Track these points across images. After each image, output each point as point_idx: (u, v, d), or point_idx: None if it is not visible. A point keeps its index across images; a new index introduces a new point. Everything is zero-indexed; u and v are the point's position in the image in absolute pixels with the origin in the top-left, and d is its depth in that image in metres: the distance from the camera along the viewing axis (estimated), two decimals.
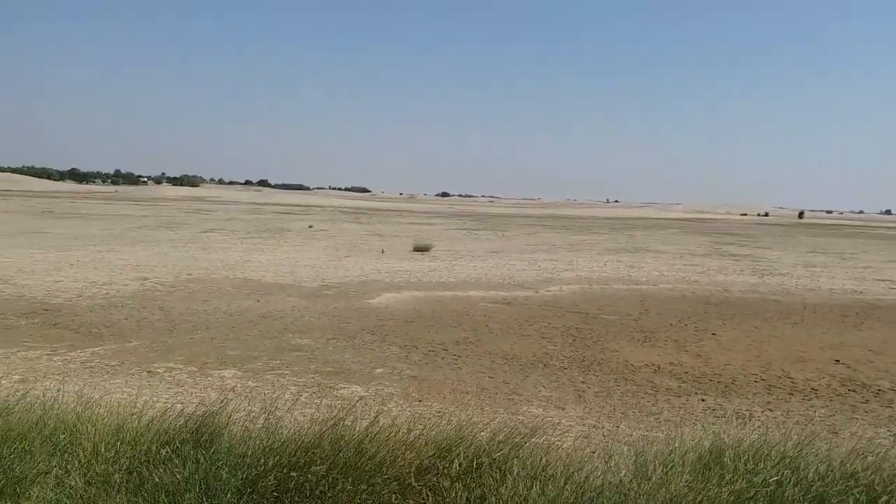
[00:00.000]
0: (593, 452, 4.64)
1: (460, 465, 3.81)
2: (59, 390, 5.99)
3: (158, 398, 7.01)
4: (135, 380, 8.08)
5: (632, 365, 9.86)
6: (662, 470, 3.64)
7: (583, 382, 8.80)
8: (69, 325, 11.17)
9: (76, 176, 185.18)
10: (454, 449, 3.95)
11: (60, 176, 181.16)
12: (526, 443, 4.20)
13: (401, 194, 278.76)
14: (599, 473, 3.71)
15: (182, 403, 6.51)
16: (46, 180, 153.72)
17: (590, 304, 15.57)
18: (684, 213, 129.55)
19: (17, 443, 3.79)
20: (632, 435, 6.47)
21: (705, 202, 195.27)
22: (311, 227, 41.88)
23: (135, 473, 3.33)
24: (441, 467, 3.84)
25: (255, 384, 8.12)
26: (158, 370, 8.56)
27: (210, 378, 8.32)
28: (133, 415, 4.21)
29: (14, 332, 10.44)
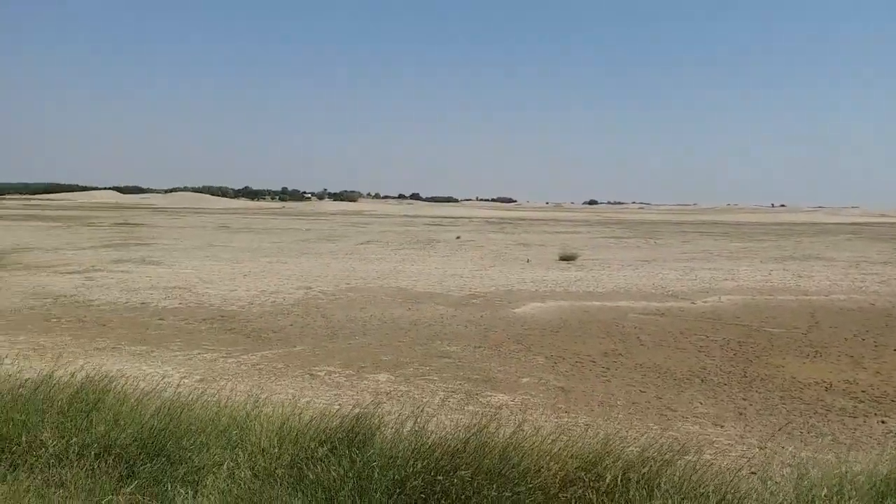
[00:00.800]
0: (752, 473, 4.31)
1: (610, 479, 3.72)
2: (231, 390, 6.65)
3: (318, 399, 7.53)
4: (298, 382, 8.73)
5: (799, 382, 9.05)
6: (827, 495, 3.32)
7: (743, 399, 8.22)
8: (242, 330, 12.32)
9: (249, 193, 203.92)
10: (600, 462, 3.87)
11: (235, 194, 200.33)
12: (678, 460, 4.01)
13: (546, 203, 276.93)
14: (756, 495, 3.46)
15: (339, 405, 6.95)
16: (223, 198, 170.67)
17: (752, 315, 14.49)
18: (861, 216, 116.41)
19: (197, 436, 4.26)
20: (797, 457, 5.94)
21: (888, 205, 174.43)
22: (458, 238, 42.79)
23: (295, 469, 3.62)
24: (587, 480, 3.77)
25: (406, 388, 8.45)
26: (319, 373, 9.19)
27: (365, 381, 8.79)
28: (294, 414, 4.57)
29: (195, 336, 11.70)
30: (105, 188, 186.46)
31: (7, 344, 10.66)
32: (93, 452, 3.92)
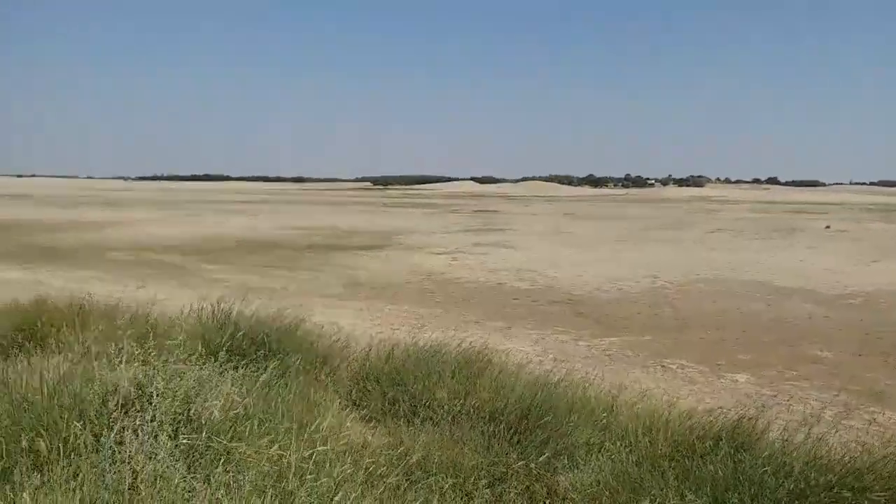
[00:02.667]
0: None
1: None
2: (587, 373, 6.82)
3: (676, 393, 7.27)
4: (650, 372, 8.58)
5: None
6: None
7: None
8: (590, 314, 12.60)
9: (592, 181, 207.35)
10: None
11: (579, 182, 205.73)
12: None
13: None
14: None
15: (704, 402, 6.62)
16: (567, 186, 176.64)
17: None
18: None
19: (566, 416, 4.47)
20: None
21: None
22: (827, 227, 37.14)
23: (675, 462, 3.55)
24: None
25: (771, 393, 7.67)
26: (671, 366, 8.89)
27: (722, 380, 8.22)
28: (663, 406, 4.49)
29: (547, 317, 12.34)
30: (465, 178, 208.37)
31: (395, 312, 12.70)
32: (482, 416, 4.44)
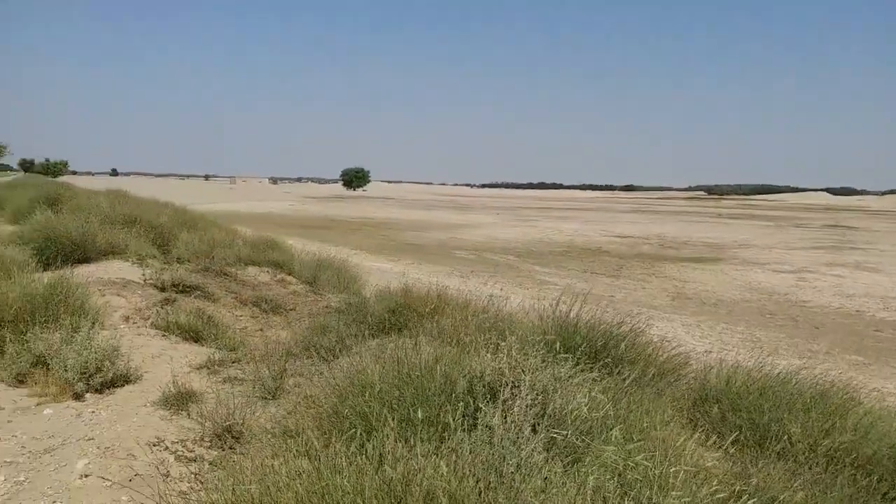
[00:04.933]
0: None
1: None
2: None
3: None
4: None
5: None
6: None
7: None
8: None
9: None
10: None
11: None
12: None
13: None
14: None
15: None
16: None
17: None
18: None
19: None
20: None
21: None
22: None
23: None
24: None
25: None
26: None
27: None
28: None
29: None
30: (816, 189, 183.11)
31: (729, 331, 11.73)
32: (845, 462, 3.85)
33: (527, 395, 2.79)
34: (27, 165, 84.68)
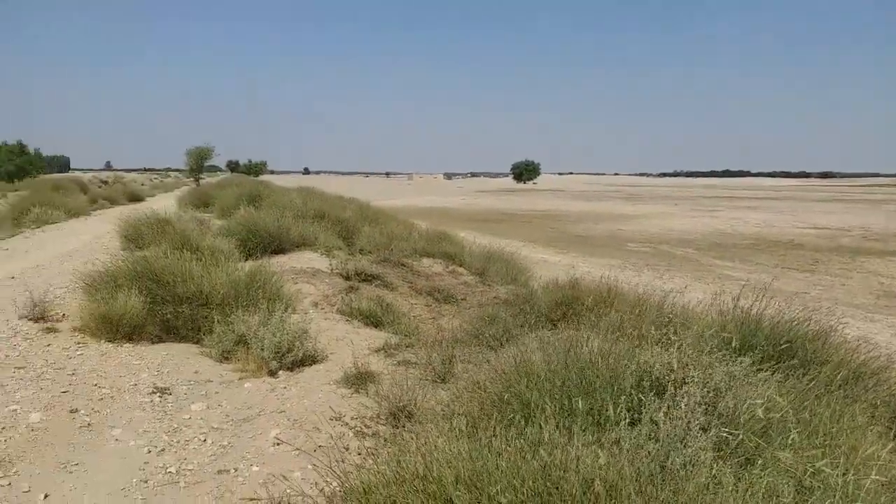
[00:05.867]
0: None
1: None
2: None
3: None
4: None
5: None
6: None
7: None
8: None
9: None
10: None
11: None
12: None
13: None
14: None
15: None
16: None
17: None
18: None
19: None
20: None
21: None
22: None
23: None
24: None
25: None
26: None
27: None
28: None
29: None
30: None
31: None
32: None
33: (696, 391, 2.65)
34: (233, 166, 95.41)
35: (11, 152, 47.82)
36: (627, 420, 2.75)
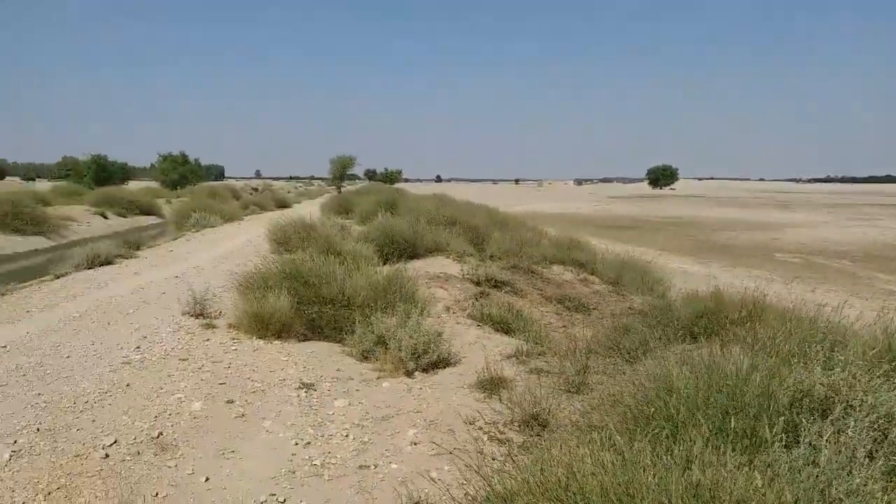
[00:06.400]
0: None
1: None
2: None
3: None
4: None
5: None
6: None
7: None
8: None
9: None
10: None
11: None
12: None
13: None
14: None
15: None
16: None
17: None
18: None
19: None
20: None
21: None
22: None
23: None
24: None
25: None
26: None
27: None
28: None
29: None
30: None
31: None
32: None
33: (866, 416, 2.43)
34: (370, 174, 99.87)
35: (176, 162, 53.05)
36: (783, 443, 2.57)
